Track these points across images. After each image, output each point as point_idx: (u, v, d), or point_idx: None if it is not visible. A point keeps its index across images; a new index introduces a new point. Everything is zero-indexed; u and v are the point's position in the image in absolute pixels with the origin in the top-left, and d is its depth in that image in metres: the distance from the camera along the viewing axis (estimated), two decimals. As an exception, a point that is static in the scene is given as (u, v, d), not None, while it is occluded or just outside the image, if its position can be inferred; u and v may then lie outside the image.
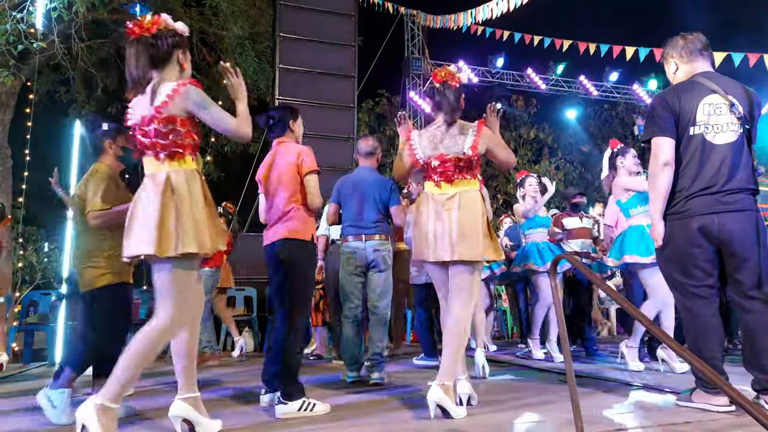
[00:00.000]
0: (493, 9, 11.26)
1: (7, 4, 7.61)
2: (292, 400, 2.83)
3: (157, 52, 2.33)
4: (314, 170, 3.19)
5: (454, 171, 2.88)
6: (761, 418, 1.31)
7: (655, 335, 1.69)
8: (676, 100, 2.73)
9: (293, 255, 3.09)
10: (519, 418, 2.61)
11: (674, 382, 3.35)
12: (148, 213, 2.24)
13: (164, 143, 2.28)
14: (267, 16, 10.73)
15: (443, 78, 2.98)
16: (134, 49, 2.33)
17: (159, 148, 2.29)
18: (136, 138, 2.34)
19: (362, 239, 3.95)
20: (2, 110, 8.78)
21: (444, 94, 2.95)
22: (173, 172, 2.29)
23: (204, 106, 2.32)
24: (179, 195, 2.26)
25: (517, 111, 16.56)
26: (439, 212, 2.86)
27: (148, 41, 2.33)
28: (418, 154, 2.98)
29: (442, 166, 2.89)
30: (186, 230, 2.23)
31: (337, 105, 8.91)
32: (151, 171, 2.33)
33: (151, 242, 2.20)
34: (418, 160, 2.97)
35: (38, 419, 2.98)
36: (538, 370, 4.32)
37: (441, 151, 2.92)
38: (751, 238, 2.60)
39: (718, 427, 2.34)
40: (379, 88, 15.79)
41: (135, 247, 2.26)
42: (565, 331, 1.98)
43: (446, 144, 2.93)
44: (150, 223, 2.22)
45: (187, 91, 2.30)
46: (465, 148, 2.90)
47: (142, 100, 2.35)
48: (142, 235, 2.24)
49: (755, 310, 2.59)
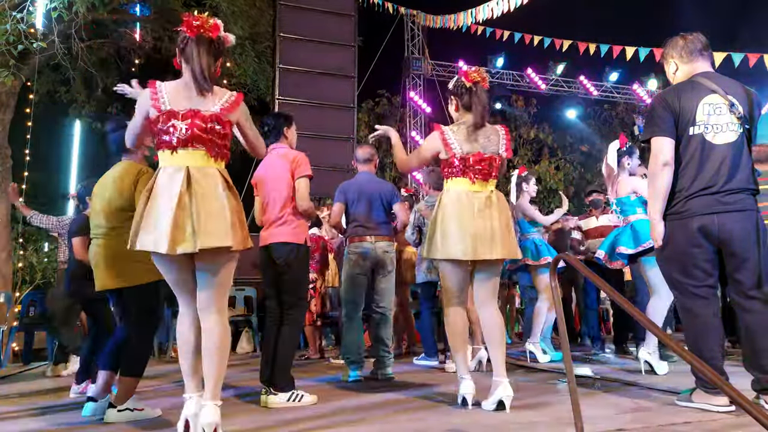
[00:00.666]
0: (493, 9, 11.26)
1: (7, 4, 7.61)
2: (283, 392, 3.04)
3: (214, 56, 2.42)
4: (307, 175, 3.32)
5: (489, 170, 2.91)
6: (761, 418, 1.31)
7: (654, 335, 1.69)
8: (676, 100, 2.73)
9: (287, 258, 3.26)
10: (519, 418, 2.61)
11: (674, 383, 3.34)
12: (219, 205, 2.26)
13: (220, 143, 2.37)
14: (267, 16, 10.73)
15: (475, 78, 2.97)
16: (203, 47, 2.36)
17: (215, 146, 2.35)
18: (190, 130, 2.30)
19: (372, 240, 4.04)
20: (2, 110, 8.78)
21: (477, 94, 2.96)
22: (222, 171, 2.38)
23: (248, 119, 2.52)
24: (234, 193, 2.36)
25: (517, 111, 16.55)
26: (482, 210, 2.84)
27: (213, 44, 2.40)
28: (455, 149, 2.92)
29: (480, 164, 2.90)
30: (244, 227, 2.37)
31: (337, 105, 8.91)
32: (196, 164, 2.31)
33: (227, 235, 2.24)
34: (455, 155, 2.91)
35: (39, 419, 2.99)
36: (538, 370, 4.31)
37: (478, 149, 2.91)
38: (751, 238, 2.60)
39: (718, 427, 2.34)
40: (379, 88, 15.77)
41: (208, 238, 2.21)
42: (565, 331, 1.98)
43: (482, 143, 2.93)
44: (222, 216, 2.25)
45: (243, 105, 2.47)
46: (500, 149, 2.95)
47: (186, 91, 2.35)
48: (214, 228, 2.23)
49: (755, 310, 2.59)
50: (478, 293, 2.96)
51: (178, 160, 2.32)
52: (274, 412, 2.97)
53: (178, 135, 2.31)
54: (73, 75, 10.29)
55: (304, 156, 3.38)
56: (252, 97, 12.90)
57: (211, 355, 2.28)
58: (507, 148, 2.97)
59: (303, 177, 3.31)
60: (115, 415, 2.80)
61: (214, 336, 2.29)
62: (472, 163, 2.89)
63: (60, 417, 3.06)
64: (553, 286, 2.08)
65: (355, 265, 4.03)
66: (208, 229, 2.22)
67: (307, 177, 3.33)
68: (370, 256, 4.03)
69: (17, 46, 7.64)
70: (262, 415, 2.89)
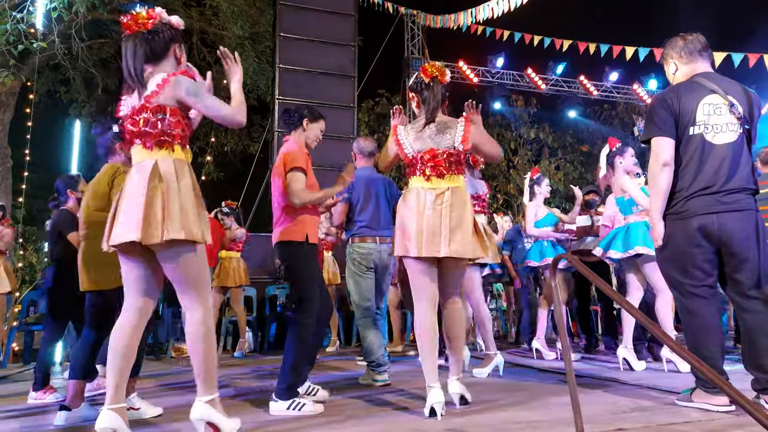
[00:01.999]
0: (493, 9, 11.27)
1: (7, 4, 7.61)
2: (282, 399, 2.89)
3: (154, 47, 2.34)
4: (295, 167, 3.09)
5: (445, 165, 2.86)
6: (761, 418, 1.31)
7: (654, 334, 1.69)
8: (676, 101, 2.73)
9: (287, 258, 3.12)
10: (519, 418, 2.60)
11: (674, 382, 3.34)
12: (135, 200, 2.23)
13: (153, 132, 2.28)
14: (267, 16, 10.75)
15: (433, 74, 2.96)
16: (131, 44, 2.33)
17: (148, 136, 2.29)
18: (126, 128, 2.34)
19: (377, 241, 3.98)
20: (2, 110, 8.78)
21: (432, 90, 2.93)
22: (161, 160, 2.28)
23: (196, 93, 2.31)
24: (167, 182, 2.24)
25: (517, 111, 16.55)
26: (434, 207, 2.81)
27: (145, 36, 2.33)
28: (406, 149, 2.93)
29: (432, 161, 2.86)
30: (173, 218, 2.20)
31: (337, 105, 8.91)
32: (138, 159, 2.32)
33: (136, 229, 2.18)
34: (407, 155, 2.93)
35: (39, 420, 2.98)
36: (538, 370, 4.31)
37: (431, 146, 2.89)
38: (751, 238, 2.60)
39: (718, 427, 2.33)
40: (379, 88, 15.81)
41: (121, 234, 2.23)
42: (565, 331, 1.98)
43: (436, 139, 2.90)
44: (137, 210, 2.20)
45: (177, 80, 2.30)
46: (456, 143, 2.89)
47: (135, 92, 2.37)
48: (128, 223, 2.21)
49: (755, 310, 2.59)
50: (441, 290, 2.93)
51: (132, 159, 2.37)
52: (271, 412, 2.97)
53: (126, 134, 2.36)
54: (73, 75, 10.30)
55: (296, 147, 3.20)
56: (252, 97, 12.92)
57: (190, 351, 2.33)
58: (464, 140, 2.87)
59: (291, 170, 3.09)
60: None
61: (189, 331, 2.32)
62: (424, 160, 2.87)
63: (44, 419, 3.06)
64: (553, 286, 2.09)
65: (360, 265, 3.99)
66: (125, 225, 2.23)
67: (296, 170, 3.08)
68: (374, 258, 3.98)
69: (17, 46, 7.65)
70: (260, 414, 2.89)
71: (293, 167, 3.09)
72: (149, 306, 2.38)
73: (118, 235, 2.25)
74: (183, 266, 2.27)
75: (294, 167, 3.08)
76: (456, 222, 2.79)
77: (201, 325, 2.30)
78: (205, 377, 2.30)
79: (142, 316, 2.35)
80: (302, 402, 2.90)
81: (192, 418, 2.28)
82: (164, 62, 2.38)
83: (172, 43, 2.39)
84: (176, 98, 2.30)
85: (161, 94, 2.29)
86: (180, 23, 2.44)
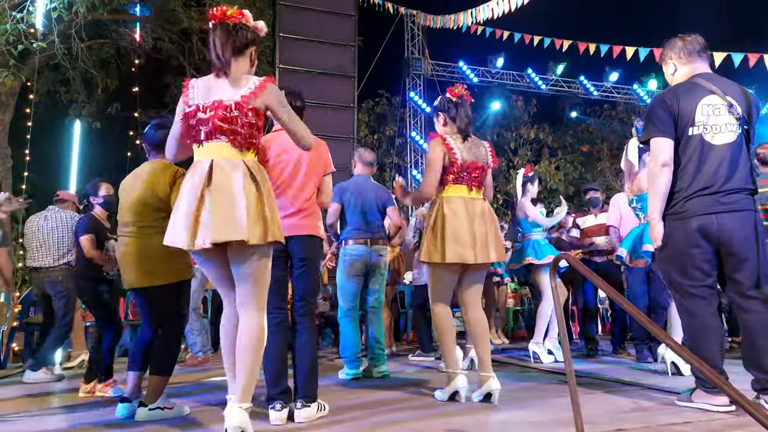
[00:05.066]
0: (493, 9, 11.28)
1: (7, 4, 7.61)
2: (313, 403, 2.76)
3: (236, 41, 2.36)
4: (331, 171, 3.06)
5: (481, 179, 3.11)
6: (761, 418, 1.31)
7: (655, 334, 1.70)
8: (675, 101, 2.73)
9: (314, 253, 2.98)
10: (519, 418, 2.61)
11: (674, 382, 3.35)
12: (231, 199, 2.19)
13: (244, 132, 2.29)
14: (267, 16, 10.72)
15: (460, 93, 3.17)
16: (220, 33, 2.35)
17: (238, 135, 2.28)
18: (211, 121, 2.27)
19: (368, 244, 4.14)
20: (2, 110, 8.78)
21: (463, 107, 3.13)
22: (249, 162, 2.30)
23: (284, 104, 2.40)
24: (260, 184, 2.27)
25: (517, 111, 16.56)
26: (480, 216, 3.03)
27: (230, 28, 2.36)
28: (458, 156, 3.05)
29: (476, 172, 3.07)
30: (271, 219, 2.26)
31: (337, 105, 8.92)
32: (221, 156, 2.27)
33: (242, 229, 2.17)
34: (457, 161, 3.04)
35: (40, 419, 2.98)
36: (538, 370, 4.32)
37: (473, 158, 3.09)
38: (750, 238, 2.60)
39: (718, 427, 2.34)
40: (379, 88, 15.81)
41: (221, 233, 2.17)
42: (565, 331, 1.98)
43: (475, 152, 3.11)
44: (237, 209, 2.19)
45: (273, 88, 2.37)
46: (489, 160, 3.17)
47: (217, 83, 2.34)
48: (227, 222, 2.18)
49: (754, 309, 2.60)
50: (466, 296, 3.14)
51: (203, 153, 2.31)
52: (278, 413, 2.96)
53: (203, 127, 2.30)
54: (73, 75, 10.29)
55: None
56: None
57: (239, 354, 2.27)
58: (494, 159, 3.21)
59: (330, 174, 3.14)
60: (146, 414, 2.81)
61: (243, 335, 2.27)
62: (469, 171, 3.05)
63: (66, 417, 3.06)
64: (553, 286, 2.09)
65: (351, 267, 4.14)
66: (219, 223, 2.18)
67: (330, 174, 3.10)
68: (366, 259, 4.15)
69: (17, 46, 7.65)
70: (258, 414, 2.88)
71: (331, 171, 3.05)
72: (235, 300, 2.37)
73: (224, 234, 2.17)
74: (257, 266, 2.29)
75: (331, 171, 3.06)
76: (496, 231, 3.09)
77: (257, 327, 2.29)
78: (248, 382, 2.24)
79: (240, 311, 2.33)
80: (323, 403, 2.85)
81: (230, 425, 2.16)
82: (241, 60, 2.38)
83: (251, 45, 2.42)
84: (267, 104, 2.34)
85: (259, 98, 2.32)
86: (263, 29, 2.47)
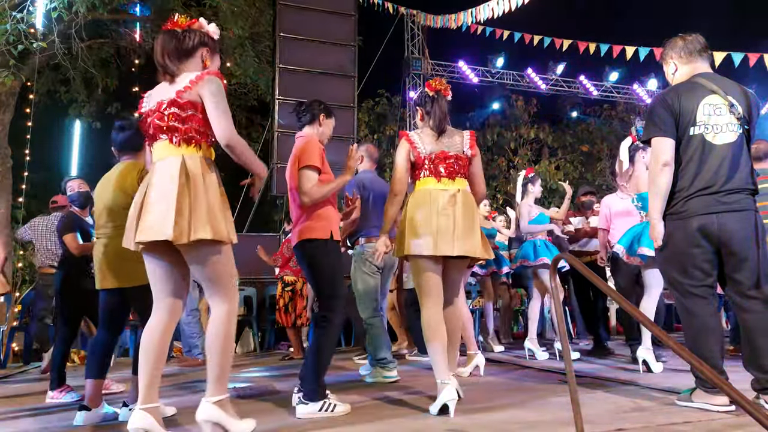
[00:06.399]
0: (493, 9, 11.27)
1: (7, 4, 7.62)
2: (313, 401, 2.78)
3: (181, 45, 2.39)
4: (309, 165, 3.01)
5: (455, 168, 2.96)
6: (761, 418, 1.31)
7: (655, 334, 1.70)
8: (676, 101, 2.73)
9: (312, 257, 3.01)
10: (519, 418, 2.61)
11: (674, 383, 3.34)
12: (164, 198, 2.20)
13: (182, 127, 2.29)
14: (267, 16, 10.74)
15: (437, 87, 3.09)
16: (161, 39, 2.40)
17: (175, 132, 2.29)
18: (152, 123, 2.33)
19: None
20: (2, 110, 8.78)
21: (438, 102, 3.04)
22: (188, 157, 2.27)
23: (216, 95, 2.29)
24: (194, 180, 2.24)
25: (517, 111, 16.55)
26: (445, 207, 2.86)
27: (176, 34, 2.39)
28: (420, 149, 2.98)
29: (444, 162, 2.95)
30: (200, 217, 2.20)
31: (337, 105, 8.88)
32: (163, 155, 2.30)
33: (168, 228, 2.15)
34: (420, 154, 2.97)
35: (39, 420, 2.98)
36: (538, 370, 4.32)
37: (442, 148, 2.98)
38: (750, 238, 2.60)
39: (718, 427, 2.34)
40: (379, 88, 15.80)
41: (150, 233, 2.20)
42: (565, 331, 1.98)
43: (446, 143, 3.00)
44: (167, 208, 2.18)
45: (209, 79, 2.31)
46: (465, 148, 3.01)
47: (163, 87, 2.38)
48: (158, 222, 2.19)
49: (754, 309, 2.59)
50: (445, 288, 2.98)
51: (155, 155, 2.35)
52: (273, 410, 2.96)
53: (149, 130, 2.36)
54: (73, 75, 10.29)
55: (310, 142, 3.09)
56: (252, 97, 12.91)
57: (207, 346, 2.29)
58: (471, 146, 3.02)
59: (303, 168, 3.02)
60: (128, 414, 2.79)
61: (210, 328, 2.29)
62: (437, 162, 2.95)
63: (63, 418, 3.06)
64: (553, 287, 2.09)
65: (371, 265, 4.00)
66: (146, 223, 2.21)
67: (308, 168, 3.01)
68: (384, 257, 3.96)
69: (17, 46, 7.65)
70: (259, 414, 2.88)
71: (307, 165, 3.02)
72: (178, 306, 2.36)
73: (147, 234, 2.21)
74: (210, 265, 2.27)
75: (308, 165, 3.02)
76: (468, 223, 2.87)
77: (222, 322, 2.28)
78: (218, 377, 2.25)
79: (172, 316, 2.33)
80: (334, 403, 2.82)
81: (198, 419, 2.22)
82: (190, 62, 2.40)
83: (201, 47, 2.43)
84: (201, 94, 2.30)
85: (193, 91, 2.30)
86: (216, 32, 2.51)
